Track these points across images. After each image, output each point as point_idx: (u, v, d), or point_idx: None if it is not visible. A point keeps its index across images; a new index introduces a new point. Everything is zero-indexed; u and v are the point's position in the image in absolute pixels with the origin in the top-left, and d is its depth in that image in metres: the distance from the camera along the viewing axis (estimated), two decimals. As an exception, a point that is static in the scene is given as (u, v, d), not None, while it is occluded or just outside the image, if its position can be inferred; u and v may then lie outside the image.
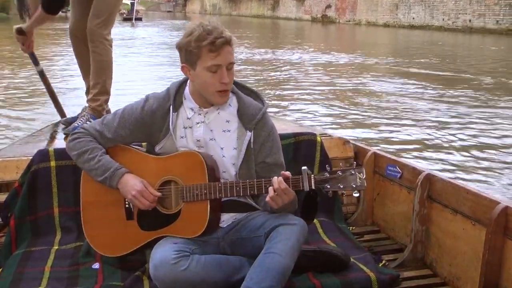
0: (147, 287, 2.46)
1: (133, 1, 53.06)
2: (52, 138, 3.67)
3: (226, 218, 2.56)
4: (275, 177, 2.32)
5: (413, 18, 38.62)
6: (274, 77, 15.04)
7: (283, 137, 3.18)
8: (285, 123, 4.29)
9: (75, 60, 4.03)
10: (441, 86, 12.84)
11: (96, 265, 2.66)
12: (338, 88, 13.07)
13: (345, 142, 3.48)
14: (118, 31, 35.60)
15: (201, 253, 2.40)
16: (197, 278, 2.30)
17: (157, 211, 2.46)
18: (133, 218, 2.51)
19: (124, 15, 57.58)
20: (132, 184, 2.44)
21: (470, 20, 33.80)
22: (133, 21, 48.40)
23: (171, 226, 2.44)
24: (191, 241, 2.42)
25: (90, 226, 2.59)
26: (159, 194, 2.45)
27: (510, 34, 30.45)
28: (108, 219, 2.55)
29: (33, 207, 2.95)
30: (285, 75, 15.48)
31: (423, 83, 13.34)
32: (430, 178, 2.84)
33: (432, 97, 11.57)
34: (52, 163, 2.98)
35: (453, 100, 11.25)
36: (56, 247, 2.85)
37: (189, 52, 2.38)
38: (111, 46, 3.77)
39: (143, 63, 18.08)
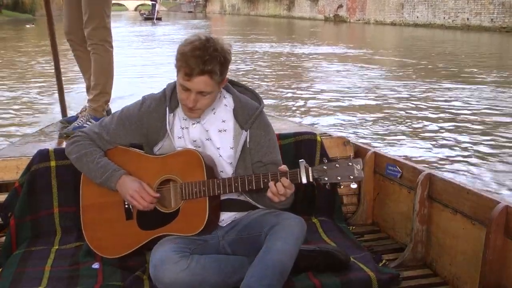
0: (147, 287, 2.34)
1: (154, 2, 53.54)
2: (52, 138, 3.57)
3: (226, 218, 2.45)
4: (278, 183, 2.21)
5: (417, 17, 38.79)
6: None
7: (283, 137, 3.10)
8: (285, 123, 4.17)
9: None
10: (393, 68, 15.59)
11: (96, 265, 2.54)
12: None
13: (345, 141, 3.35)
14: (139, 29, 36.47)
15: (201, 253, 2.31)
16: (197, 278, 2.20)
17: (157, 210, 2.36)
18: (133, 218, 2.41)
19: (145, 15, 58.46)
20: (130, 185, 2.34)
21: (468, 19, 33.95)
22: (154, 20, 49.07)
23: (170, 225, 2.34)
24: (191, 241, 2.32)
25: (90, 229, 2.50)
26: (157, 195, 2.34)
27: (503, 31, 30.43)
28: (108, 220, 2.46)
29: (33, 207, 2.84)
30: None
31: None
32: (430, 178, 2.72)
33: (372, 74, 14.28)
34: (52, 163, 2.88)
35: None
36: (56, 247, 2.75)
37: (176, 60, 2.30)
38: (112, 48, 3.62)
39: (154, 52, 19.64)
